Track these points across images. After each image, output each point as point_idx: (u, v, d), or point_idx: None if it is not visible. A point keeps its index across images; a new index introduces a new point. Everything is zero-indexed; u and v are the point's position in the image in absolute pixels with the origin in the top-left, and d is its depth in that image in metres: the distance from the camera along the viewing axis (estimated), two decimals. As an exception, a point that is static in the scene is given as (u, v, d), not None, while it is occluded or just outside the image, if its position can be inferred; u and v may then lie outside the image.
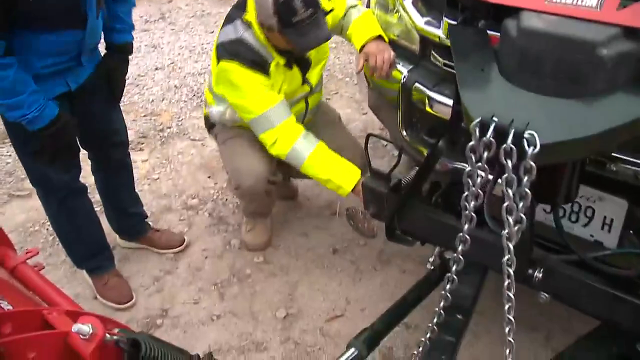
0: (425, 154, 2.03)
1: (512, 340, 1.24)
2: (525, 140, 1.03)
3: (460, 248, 1.26)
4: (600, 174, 1.53)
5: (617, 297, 1.41)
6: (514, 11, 1.24)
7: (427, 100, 1.91)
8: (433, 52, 1.94)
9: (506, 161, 1.05)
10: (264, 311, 2.20)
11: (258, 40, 1.96)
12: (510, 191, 1.08)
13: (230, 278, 2.36)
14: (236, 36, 1.97)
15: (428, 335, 1.45)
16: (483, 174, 1.12)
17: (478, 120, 1.09)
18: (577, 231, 1.67)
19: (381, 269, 2.37)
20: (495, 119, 1.07)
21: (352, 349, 1.61)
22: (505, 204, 1.10)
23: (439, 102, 1.87)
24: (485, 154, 1.08)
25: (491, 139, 1.07)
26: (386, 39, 2.05)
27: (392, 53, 2.01)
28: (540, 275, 1.46)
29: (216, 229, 2.64)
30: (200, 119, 3.53)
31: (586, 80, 1.11)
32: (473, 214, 1.19)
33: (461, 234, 1.23)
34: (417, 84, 1.95)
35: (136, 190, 2.46)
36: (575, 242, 1.58)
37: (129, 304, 2.23)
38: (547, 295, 1.66)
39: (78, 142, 2.02)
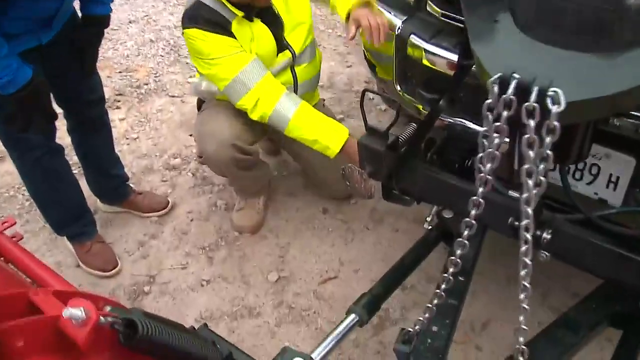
0: (421, 109, 1.96)
1: (527, 307, 1.19)
2: (549, 99, 0.95)
3: (473, 212, 1.19)
4: (608, 130, 1.47)
5: (622, 255, 1.37)
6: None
7: (423, 54, 1.82)
8: (429, 2, 1.83)
9: (528, 121, 0.98)
10: (255, 275, 2.14)
11: (214, 0, 1.83)
12: (531, 153, 1.01)
13: (217, 241, 2.29)
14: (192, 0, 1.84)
15: (435, 302, 1.40)
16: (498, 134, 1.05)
17: (498, 76, 1.01)
18: (581, 189, 1.62)
19: (373, 228, 2.31)
20: (516, 75, 0.99)
21: (353, 315, 1.56)
22: (526, 167, 1.03)
23: (437, 56, 1.77)
24: (505, 112, 1.01)
25: (512, 97, 0.99)
26: (374, 5, 1.85)
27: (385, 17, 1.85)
28: (549, 236, 1.41)
29: (200, 190, 2.55)
30: (179, 74, 3.39)
31: (612, 32, 1.03)
32: (489, 177, 1.12)
33: (475, 197, 1.16)
34: (412, 37, 1.85)
35: (116, 151, 2.34)
36: (580, 200, 1.54)
37: (114, 271, 2.15)
38: (547, 254, 1.63)
39: (53, 105, 1.89)
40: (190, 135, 2.90)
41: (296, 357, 1.30)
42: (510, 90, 0.99)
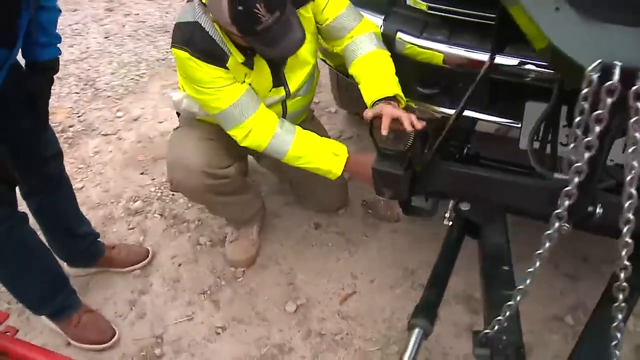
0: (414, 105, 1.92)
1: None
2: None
3: (566, 203, 1.16)
4: None
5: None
6: None
7: (415, 50, 1.77)
8: (411, -3, 1.79)
9: (636, 104, 0.97)
10: (270, 309, 1.99)
11: (214, 28, 1.60)
12: (638, 135, 1.00)
13: (217, 282, 2.11)
14: (193, 18, 1.60)
15: (518, 299, 1.36)
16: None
17: (597, 63, 0.98)
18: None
19: (372, 234, 2.25)
20: (618, 62, 0.97)
21: (417, 329, 1.50)
22: (632, 148, 1.02)
23: (434, 50, 1.74)
24: (609, 100, 0.98)
25: (616, 83, 0.97)
26: (403, 100, 1.72)
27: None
28: (601, 210, 1.43)
29: (176, 230, 2.34)
30: (104, 109, 3.12)
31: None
32: (585, 167, 1.09)
33: (569, 188, 1.13)
34: (400, 34, 1.80)
35: (77, 206, 2.08)
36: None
37: (113, 340, 1.90)
38: (568, 226, 1.66)
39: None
40: (142, 173, 2.66)
41: None
42: (616, 76, 0.97)
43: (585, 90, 1.01)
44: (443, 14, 1.74)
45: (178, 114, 2.04)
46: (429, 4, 1.74)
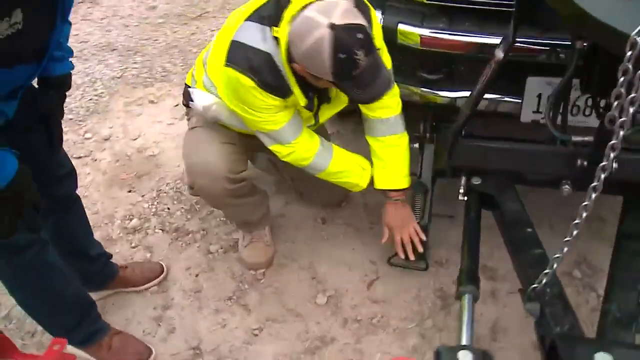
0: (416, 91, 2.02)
1: None
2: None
3: (612, 155, 1.28)
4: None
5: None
6: None
7: (419, 39, 1.88)
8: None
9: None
10: (302, 304, 2.02)
11: (284, 67, 1.59)
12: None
13: (240, 286, 2.11)
14: (264, 48, 1.57)
15: (565, 251, 1.46)
16: None
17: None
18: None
19: (377, 221, 2.33)
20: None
21: (466, 295, 1.60)
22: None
23: (439, 38, 1.86)
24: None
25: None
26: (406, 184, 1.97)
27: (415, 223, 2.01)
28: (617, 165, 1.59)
29: (182, 243, 2.30)
30: (69, 133, 3.00)
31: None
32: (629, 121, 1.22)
33: (614, 141, 1.25)
34: (401, 25, 1.90)
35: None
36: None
37: (151, 359, 1.86)
38: (569, 186, 1.83)
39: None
40: (129, 191, 2.59)
41: (459, 350, 1.31)
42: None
43: (629, 53, 1.13)
44: (441, 3, 1.86)
45: (187, 113, 2.02)
46: (430, -6, 1.86)
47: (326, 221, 2.35)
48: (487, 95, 1.94)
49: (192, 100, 1.86)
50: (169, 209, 2.47)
